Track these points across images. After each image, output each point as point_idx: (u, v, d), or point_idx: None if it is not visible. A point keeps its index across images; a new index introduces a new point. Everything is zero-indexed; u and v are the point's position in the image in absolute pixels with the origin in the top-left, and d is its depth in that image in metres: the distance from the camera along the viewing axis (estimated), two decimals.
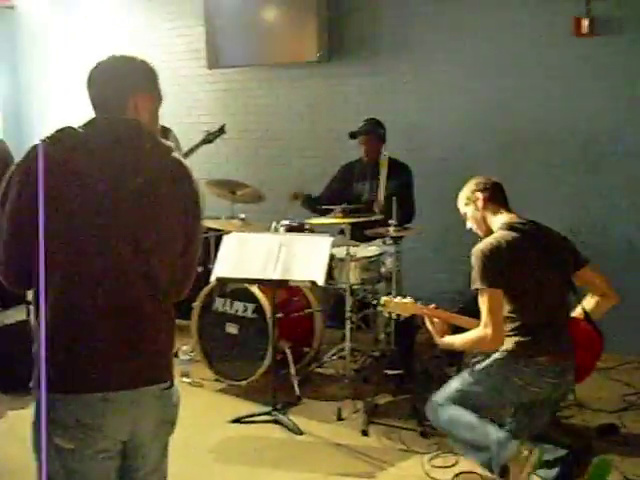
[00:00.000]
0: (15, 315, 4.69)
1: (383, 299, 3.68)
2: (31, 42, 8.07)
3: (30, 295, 2.02)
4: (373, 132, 5.12)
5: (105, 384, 1.91)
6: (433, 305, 3.60)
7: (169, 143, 2.13)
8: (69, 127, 1.97)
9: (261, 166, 6.62)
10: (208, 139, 5.46)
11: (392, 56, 5.88)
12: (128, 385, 1.95)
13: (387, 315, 3.86)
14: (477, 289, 3.18)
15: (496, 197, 3.42)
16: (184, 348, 4.74)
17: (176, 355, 4.94)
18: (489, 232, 3.36)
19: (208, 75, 6.82)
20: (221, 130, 5.47)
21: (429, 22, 5.64)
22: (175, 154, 2.10)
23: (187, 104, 6.95)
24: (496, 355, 3.26)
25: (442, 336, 3.44)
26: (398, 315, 3.71)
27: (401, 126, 5.58)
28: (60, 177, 1.87)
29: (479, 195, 3.40)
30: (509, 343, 3.22)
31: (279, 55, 6.30)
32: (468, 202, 3.46)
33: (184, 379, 4.66)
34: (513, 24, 5.29)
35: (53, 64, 7.90)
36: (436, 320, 3.48)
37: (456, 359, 4.33)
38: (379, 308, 3.91)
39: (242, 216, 4.84)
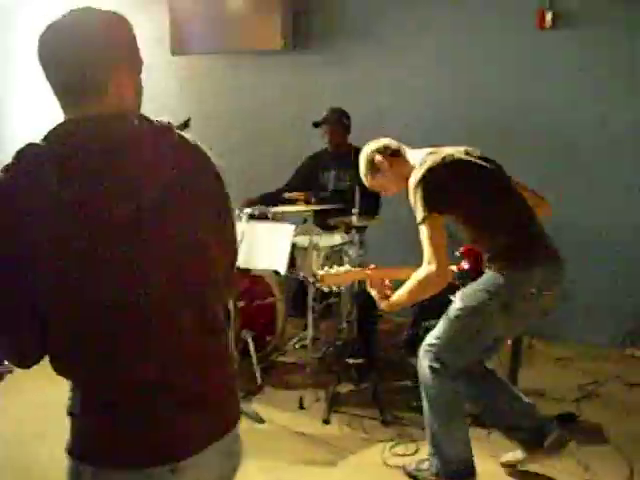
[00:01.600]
0: None
1: (319, 273, 3.43)
2: None
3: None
4: (337, 122, 5.11)
5: (170, 452, 1.53)
6: (372, 265, 3.38)
7: (165, 120, 1.69)
8: (31, 145, 1.44)
9: (226, 153, 6.53)
10: None
11: (360, 44, 5.87)
12: (196, 447, 1.57)
13: (327, 290, 3.71)
14: (418, 224, 3.00)
15: (395, 151, 3.31)
16: None
17: None
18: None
19: (172, 62, 6.75)
20: (186, 124, 5.40)
21: (398, 10, 5.63)
22: (185, 138, 1.69)
23: (151, 91, 6.78)
24: (490, 280, 3.07)
25: (386, 297, 3.21)
26: (339, 287, 3.62)
27: (369, 115, 5.58)
28: (47, 215, 1.38)
29: (379, 158, 3.30)
30: (499, 262, 3.06)
31: (244, 42, 6.25)
32: (374, 171, 3.34)
33: None
34: (482, 13, 5.32)
35: (19, 52, 7.75)
36: (377, 282, 3.24)
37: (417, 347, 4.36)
38: (317, 285, 3.68)
39: None
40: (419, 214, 2.99)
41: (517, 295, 3.04)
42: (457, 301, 3.16)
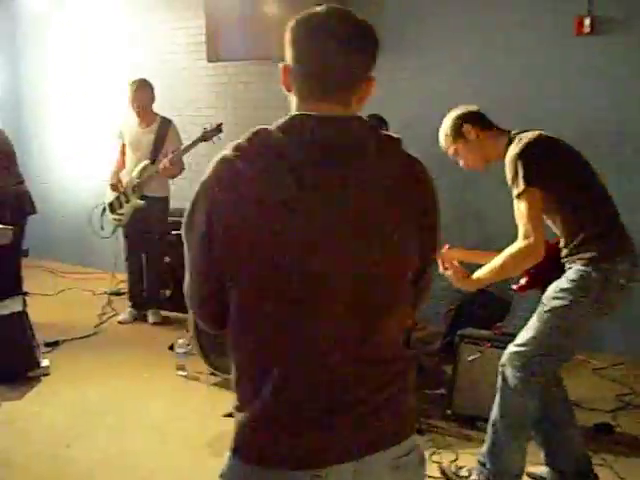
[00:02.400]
0: (11, 306, 4.68)
1: None
2: (31, 31, 8.04)
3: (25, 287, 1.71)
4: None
5: (322, 457, 1.47)
6: (446, 246, 3.23)
7: (393, 135, 1.58)
8: (263, 130, 1.47)
9: None
10: (204, 137, 5.44)
11: (393, 52, 5.84)
12: (349, 455, 1.49)
13: None
14: (516, 196, 2.89)
15: (485, 121, 3.23)
16: (180, 341, 4.74)
17: (172, 348, 4.95)
18: (490, 156, 3.19)
19: (208, 68, 6.80)
20: (218, 129, 5.44)
21: (431, 20, 5.61)
22: (403, 150, 1.56)
23: (187, 97, 6.94)
24: (578, 274, 2.92)
25: (464, 277, 3.08)
26: None
27: (401, 122, 5.56)
28: (257, 206, 1.40)
29: (468, 127, 3.18)
30: (586, 252, 2.92)
31: (279, 49, 6.24)
32: (457, 136, 3.22)
33: (180, 372, 4.66)
34: (518, 23, 5.28)
35: (52, 54, 7.88)
36: (452, 262, 3.10)
37: (451, 355, 4.32)
38: None
39: None
40: (518, 187, 2.88)
41: (609, 287, 2.92)
42: (545, 304, 3.00)
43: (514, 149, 2.95)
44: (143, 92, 5.64)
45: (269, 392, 1.46)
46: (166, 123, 5.74)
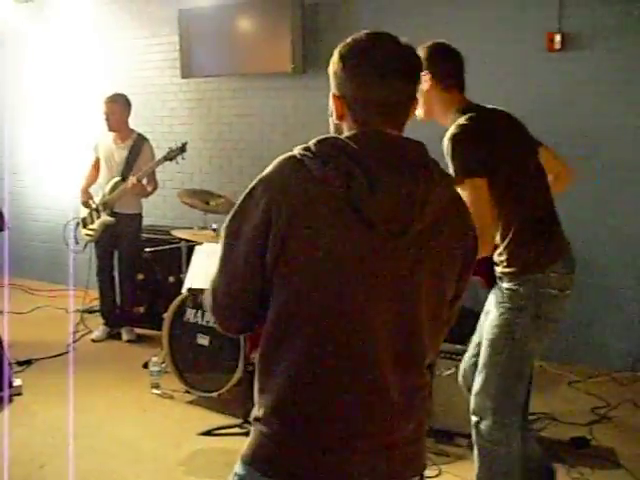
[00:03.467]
0: None
1: None
2: (5, 47, 7.97)
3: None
4: None
5: None
6: None
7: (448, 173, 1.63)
8: (332, 136, 1.50)
9: (234, 176, 6.60)
10: (169, 157, 5.42)
11: None
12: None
13: None
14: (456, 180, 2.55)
15: (450, 81, 2.83)
16: (154, 359, 4.70)
17: (146, 366, 4.91)
18: (437, 118, 2.85)
19: (182, 84, 6.80)
20: (182, 149, 5.42)
21: (410, 30, 5.63)
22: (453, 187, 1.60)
23: (161, 113, 6.92)
24: (506, 292, 2.75)
25: None
26: None
27: None
28: (325, 206, 1.41)
29: (427, 76, 2.77)
30: (511, 266, 2.73)
31: (253, 65, 6.28)
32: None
33: (154, 390, 4.62)
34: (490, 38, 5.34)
35: (27, 72, 7.82)
36: None
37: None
38: None
39: (214, 226, 4.81)
40: (456, 174, 2.61)
41: (542, 300, 2.72)
42: (486, 338, 2.82)
43: (454, 129, 2.68)
44: (117, 107, 5.60)
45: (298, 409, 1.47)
46: (141, 140, 5.70)
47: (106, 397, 4.60)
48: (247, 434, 3.98)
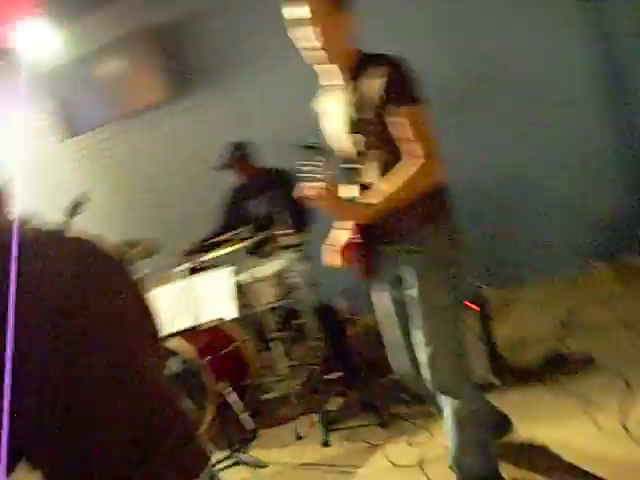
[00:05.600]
0: None
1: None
2: None
3: None
4: (239, 160, 5.05)
5: None
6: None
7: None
8: None
9: (140, 219, 6.46)
10: (68, 219, 5.24)
11: (243, 77, 5.87)
12: None
13: None
14: (409, 111, 2.44)
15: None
16: None
17: None
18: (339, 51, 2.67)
19: (63, 146, 6.64)
20: (76, 206, 5.26)
21: (261, 38, 5.60)
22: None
23: (50, 182, 6.74)
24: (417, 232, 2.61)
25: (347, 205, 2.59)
26: None
27: (268, 136, 5.53)
28: None
29: None
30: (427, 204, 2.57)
31: (128, 104, 6.18)
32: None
33: None
34: None
35: None
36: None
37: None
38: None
39: (145, 273, 4.67)
40: (414, 100, 2.46)
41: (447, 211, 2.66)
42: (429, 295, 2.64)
43: (397, 62, 2.50)
44: None
45: None
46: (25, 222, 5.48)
47: None
48: (238, 463, 3.91)
